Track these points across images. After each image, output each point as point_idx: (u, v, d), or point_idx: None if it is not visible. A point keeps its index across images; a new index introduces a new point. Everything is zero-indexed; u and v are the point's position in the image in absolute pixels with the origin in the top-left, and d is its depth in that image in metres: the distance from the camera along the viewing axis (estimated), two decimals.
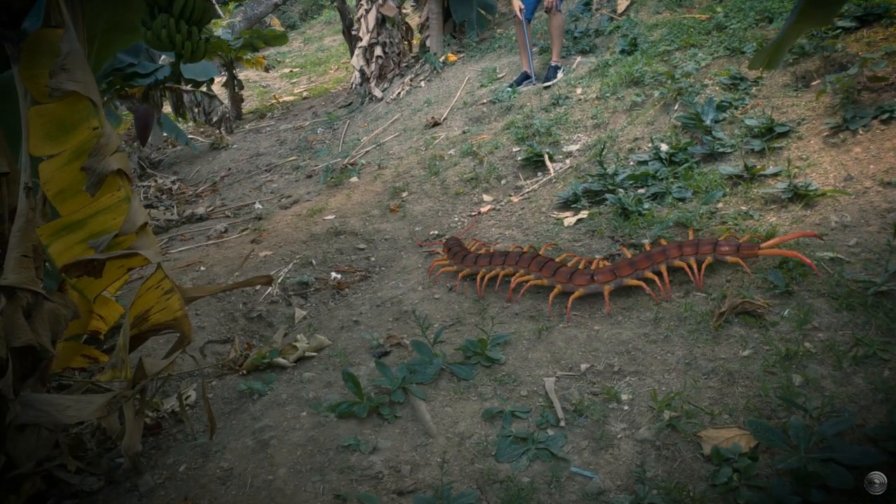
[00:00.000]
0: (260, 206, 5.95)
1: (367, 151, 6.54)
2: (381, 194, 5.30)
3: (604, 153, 4.48)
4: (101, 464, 2.81)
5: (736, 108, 4.38)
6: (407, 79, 7.90)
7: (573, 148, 4.99)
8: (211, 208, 6.30)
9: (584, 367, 2.59)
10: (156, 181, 7.94)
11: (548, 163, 4.89)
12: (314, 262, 4.33)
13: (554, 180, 4.68)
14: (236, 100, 10.60)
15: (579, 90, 5.68)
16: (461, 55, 7.69)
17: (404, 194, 5.16)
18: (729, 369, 2.40)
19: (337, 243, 4.56)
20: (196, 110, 5.70)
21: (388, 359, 2.93)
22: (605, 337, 2.76)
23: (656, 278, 2.92)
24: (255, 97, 12.78)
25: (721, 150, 4.01)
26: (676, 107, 4.70)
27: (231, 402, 3.06)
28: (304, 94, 11.75)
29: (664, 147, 4.26)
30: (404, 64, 8.32)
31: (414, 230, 4.61)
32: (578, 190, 4.20)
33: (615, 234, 3.59)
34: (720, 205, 3.56)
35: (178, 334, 2.74)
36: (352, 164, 6.16)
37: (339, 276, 4.16)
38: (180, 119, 5.75)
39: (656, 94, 4.96)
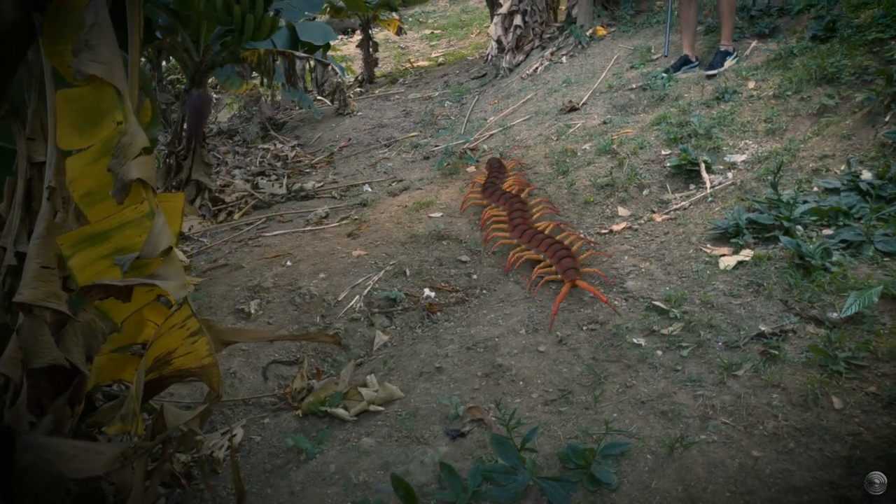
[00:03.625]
0: (369, 189, 5.42)
1: (492, 135, 5.82)
2: None
3: (779, 173, 3.51)
4: None
5: None
6: (547, 52, 7.04)
7: (738, 158, 4.02)
8: (320, 184, 5.86)
9: None
10: (275, 145, 7.66)
11: (704, 174, 3.97)
12: (408, 271, 3.72)
13: (710, 198, 3.76)
14: (370, 62, 10.17)
15: (752, 84, 4.63)
16: (611, 29, 6.72)
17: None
18: None
19: (438, 250, 3.92)
20: (309, 79, 5.22)
21: (464, 444, 2.27)
22: (766, 471, 1.94)
23: None
24: (391, 59, 12.33)
25: None
26: (888, 118, 3.61)
27: (276, 455, 2.53)
28: (440, 59, 11.13)
29: (866, 174, 3.25)
30: (546, 35, 7.45)
31: None
32: (741, 219, 3.29)
33: (789, 296, 2.68)
34: None
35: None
36: (472, 150, 5.47)
37: (432, 294, 3.53)
38: (291, 88, 5.30)
39: (858, 97, 3.87)
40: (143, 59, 4.63)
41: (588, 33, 6.69)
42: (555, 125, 5.37)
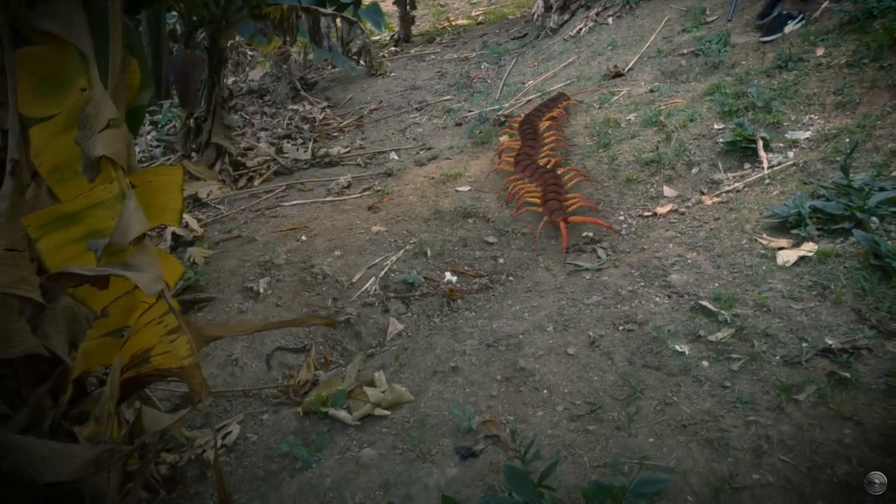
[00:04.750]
0: (395, 157, 5.11)
1: (529, 101, 5.42)
2: None
3: (852, 154, 3.09)
4: None
5: None
6: (592, 12, 6.55)
7: (801, 136, 3.59)
8: (346, 150, 5.57)
9: None
10: (304, 106, 7.37)
11: (761, 152, 3.55)
12: (429, 252, 3.43)
13: (767, 180, 3.36)
14: (406, 20, 9.75)
15: (821, 50, 4.15)
16: None
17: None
18: None
19: (463, 229, 3.61)
20: (334, 39, 4.89)
21: (475, 466, 1.99)
22: None
23: None
24: (429, 17, 11.86)
25: None
26: None
27: (271, 460, 2.29)
28: (480, 17, 10.64)
29: None
30: None
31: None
32: (804, 207, 2.90)
33: (862, 304, 2.30)
34: None
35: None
36: (506, 116, 5.10)
37: (454, 279, 3.24)
38: (314, 48, 4.97)
39: None
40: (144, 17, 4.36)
41: None
42: (597, 92, 4.96)
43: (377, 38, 10.45)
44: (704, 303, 2.53)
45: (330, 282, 3.28)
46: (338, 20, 5.03)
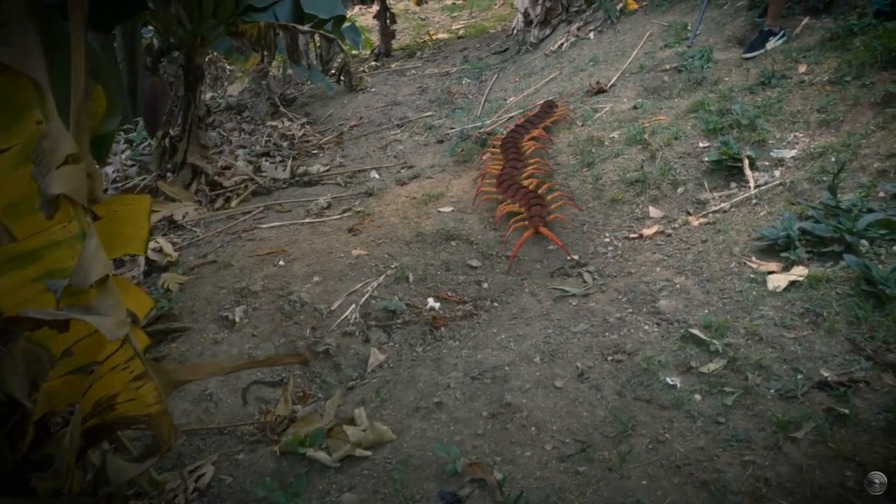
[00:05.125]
0: (376, 176, 5.02)
1: (511, 118, 5.36)
2: None
3: (839, 175, 3.05)
4: None
5: None
6: (574, 27, 6.53)
7: (786, 154, 3.55)
8: (326, 168, 5.47)
9: None
10: (283, 122, 7.27)
11: (747, 171, 3.51)
12: (411, 277, 3.33)
13: (754, 200, 3.31)
14: (387, 34, 9.69)
15: (803, 67, 4.13)
16: (644, 3, 6.17)
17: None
18: None
19: (446, 252, 3.52)
20: (313, 56, 4.81)
21: None
22: None
23: None
24: (410, 31, 11.83)
25: None
26: None
27: None
28: (461, 31, 10.62)
29: None
30: (573, 9, 6.91)
31: (546, 248, 3.47)
32: (793, 228, 2.84)
33: (857, 333, 2.24)
34: None
35: None
36: (488, 134, 5.03)
37: (437, 306, 3.14)
38: (292, 65, 4.88)
39: None
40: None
41: (619, 7, 6.16)
42: (580, 108, 4.90)
43: (357, 53, 10.39)
44: (695, 331, 2.46)
45: (308, 310, 3.17)
46: (316, 37, 4.94)
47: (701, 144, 3.86)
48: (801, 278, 2.60)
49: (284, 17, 4.92)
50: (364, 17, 12.20)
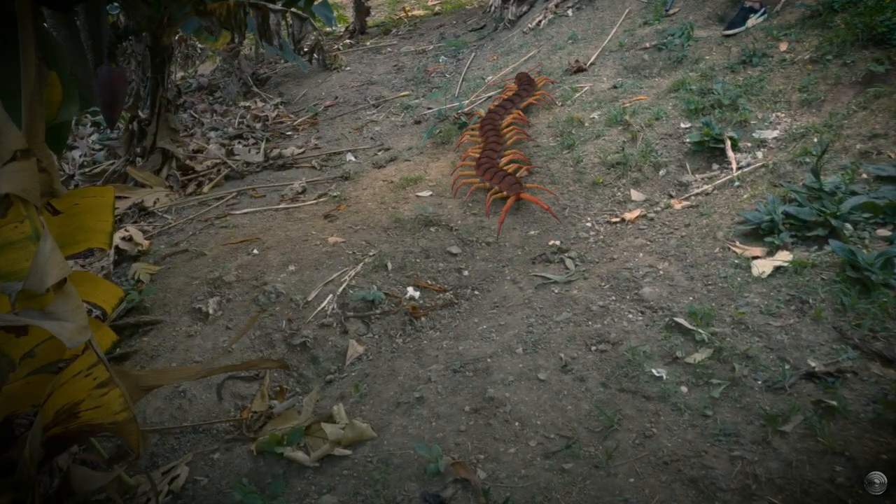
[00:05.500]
0: (353, 158, 4.90)
1: (490, 97, 5.27)
2: None
3: (822, 157, 3.01)
4: None
5: None
6: (552, 4, 6.41)
7: (768, 135, 3.51)
8: (301, 150, 5.34)
9: None
10: (256, 103, 7.10)
11: (729, 153, 3.46)
12: (390, 265, 3.25)
13: (737, 182, 3.27)
14: (361, 11, 9.47)
15: (784, 45, 4.08)
16: None
17: (523, 172, 3.91)
18: None
19: (425, 239, 3.44)
20: (284, 35, 4.65)
21: None
22: None
23: None
24: (385, 7, 11.60)
25: None
26: None
27: None
28: (437, 8, 10.42)
29: None
30: None
31: (527, 233, 3.40)
32: (776, 212, 2.80)
33: (843, 321, 2.20)
34: None
35: None
36: (466, 115, 4.93)
37: (417, 294, 3.07)
38: (264, 44, 4.72)
39: None
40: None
41: None
42: (559, 88, 4.82)
43: (331, 30, 10.17)
44: (680, 320, 2.41)
45: (284, 301, 3.08)
46: (288, 16, 4.78)
47: (682, 125, 3.80)
48: (785, 264, 2.57)
49: None
50: None
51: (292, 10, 4.71)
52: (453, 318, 2.91)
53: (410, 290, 3.08)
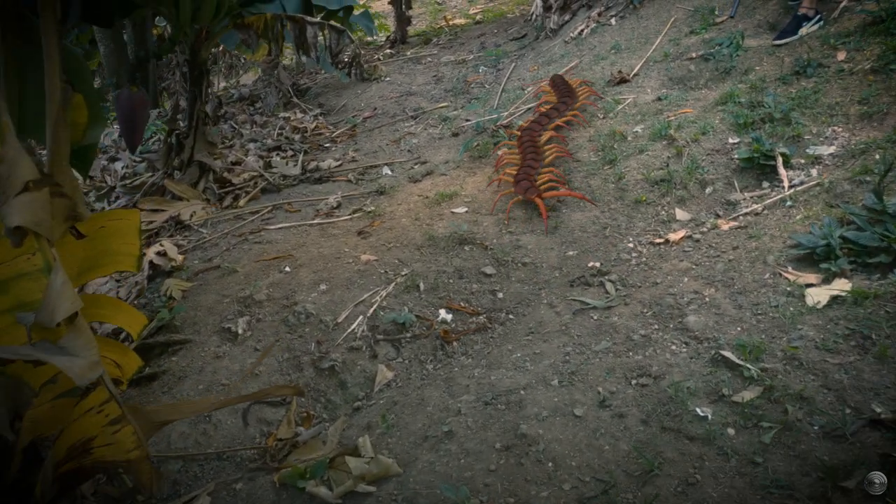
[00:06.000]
0: (389, 172, 4.84)
1: (529, 108, 5.15)
2: None
3: (886, 175, 2.81)
4: None
5: None
6: (594, 12, 6.25)
7: (824, 151, 3.31)
8: (338, 163, 5.30)
9: None
10: (295, 114, 7.11)
11: (781, 170, 3.27)
12: (422, 285, 3.16)
13: (789, 202, 3.08)
14: (402, 20, 9.46)
15: (842, 54, 3.86)
16: None
17: (562, 189, 3.78)
18: None
19: (459, 258, 3.33)
20: (322, 48, 4.61)
21: None
22: None
23: None
24: (426, 16, 11.59)
25: None
26: None
27: None
28: (478, 16, 10.35)
29: None
30: None
31: (565, 254, 3.27)
32: (833, 236, 2.62)
33: None
34: None
35: None
36: (505, 128, 4.82)
37: (449, 318, 2.96)
38: (303, 57, 4.70)
39: None
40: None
41: None
42: (601, 100, 4.67)
43: (373, 39, 10.18)
44: (727, 353, 2.25)
45: (314, 322, 3.01)
46: (325, 28, 4.75)
47: (730, 140, 3.62)
48: (843, 293, 2.38)
49: (292, 8, 4.74)
50: (379, 3, 11.98)
51: (330, 22, 4.67)
52: (486, 343, 2.79)
53: (443, 313, 2.98)
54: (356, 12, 6.91)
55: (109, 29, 3.20)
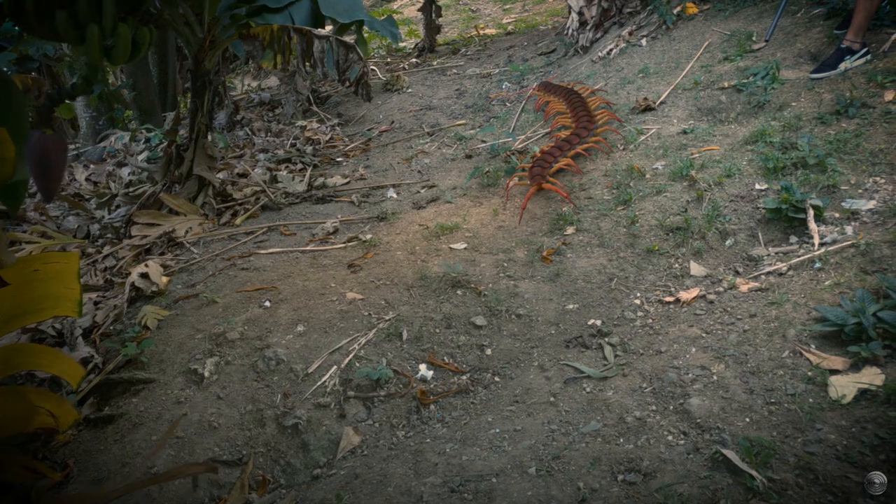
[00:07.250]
0: (393, 195, 4.59)
1: (547, 133, 4.85)
2: (536, 221, 3.67)
3: None
4: None
5: None
6: (625, 31, 5.93)
7: (862, 206, 2.96)
8: (346, 180, 5.07)
9: None
10: (312, 123, 6.90)
11: (812, 224, 2.94)
12: (405, 334, 2.90)
13: (818, 264, 2.75)
14: (431, 28, 9.20)
15: (890, 94, 3.50)
16: (704, 7, 5.53)
17: (569, 230, 3.49)
18: None
19: (450, 303, 3.07)
20: (328, 63, 4.39)
21: None
22: None
23: None
24: (458, 24, 11.32)
25: None
26: None
27: None
28: (510, 27, 10.05)
29: None
30: (627, 10, 6.30)
31: (565, 307, 2.98)
32: (866, 312, 2.28)
33: None
34: None
35: None
36: (519, 154, 4.54)
37: (429, 375, 2.70)
38: (309, 71, 4.48)
39: None
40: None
41: (675, 11, 5.53)
42: (623, 128, 4.36)
43: (401, 46, 9.96)
44: (729, 453, 1.95)
45: (283, 370, 2.77)
46: (333, 43, 4.51)
47: (758, 186, 3.29)
48: (874, 387, 2.06)
49: (301, 20, 4.51)
50: (411, 8, 11.77)
51: (337, 37, 4.44)
52: (465, 410, 2.52)
53: (423, 369, 2.72)
54: (380, 18, 6.69)
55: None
